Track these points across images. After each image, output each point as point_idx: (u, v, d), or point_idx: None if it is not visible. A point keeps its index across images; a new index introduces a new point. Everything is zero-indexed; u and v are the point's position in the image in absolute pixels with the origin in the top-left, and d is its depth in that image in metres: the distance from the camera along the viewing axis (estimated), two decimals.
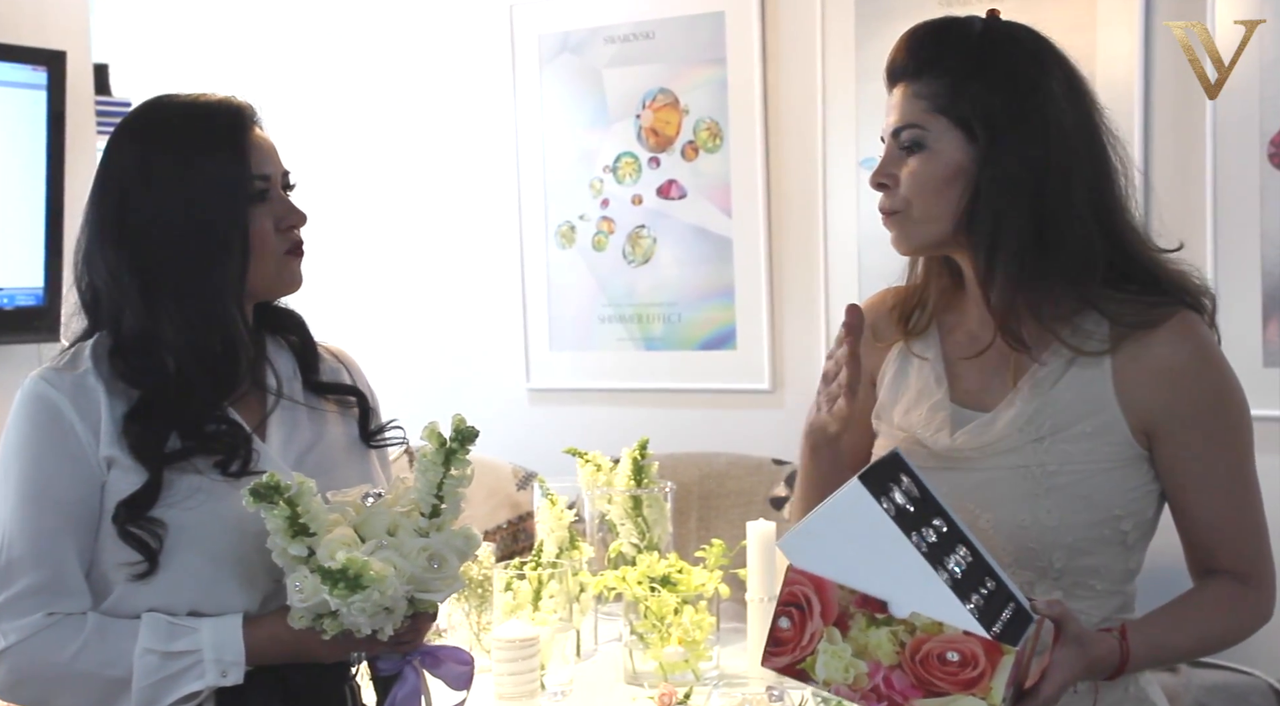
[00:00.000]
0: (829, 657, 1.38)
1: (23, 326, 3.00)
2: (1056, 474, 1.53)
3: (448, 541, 1.54)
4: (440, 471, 1.54)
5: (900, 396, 1.67)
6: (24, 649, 1.51)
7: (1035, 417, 1.55)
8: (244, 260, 1.58)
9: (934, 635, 1.35)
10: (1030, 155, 1.50)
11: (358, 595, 1.45)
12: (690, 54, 3.64)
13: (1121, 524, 1.55)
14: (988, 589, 1.40)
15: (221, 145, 1.58)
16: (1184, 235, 3.01)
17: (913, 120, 1.55)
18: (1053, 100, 1.51)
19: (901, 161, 1.56)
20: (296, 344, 1.73)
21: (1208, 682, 2.81)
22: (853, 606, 1.37)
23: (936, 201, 1.54)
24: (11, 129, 3.01)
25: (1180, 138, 3.11)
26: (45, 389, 1.55)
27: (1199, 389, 1.53)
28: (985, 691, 1.33)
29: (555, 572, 2.45)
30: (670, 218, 3.72)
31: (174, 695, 1.51)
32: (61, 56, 3.07)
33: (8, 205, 3.01)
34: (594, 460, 2.73)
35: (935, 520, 1.42)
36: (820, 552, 1.40)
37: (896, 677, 1.36)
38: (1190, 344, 1.54)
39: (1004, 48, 1.54)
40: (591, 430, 3.48)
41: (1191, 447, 1.53)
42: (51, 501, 1.53)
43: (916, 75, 1.55)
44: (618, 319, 3.82)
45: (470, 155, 4.01)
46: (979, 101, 1.52)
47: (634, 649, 2.46)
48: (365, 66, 4.13)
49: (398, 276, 4.15)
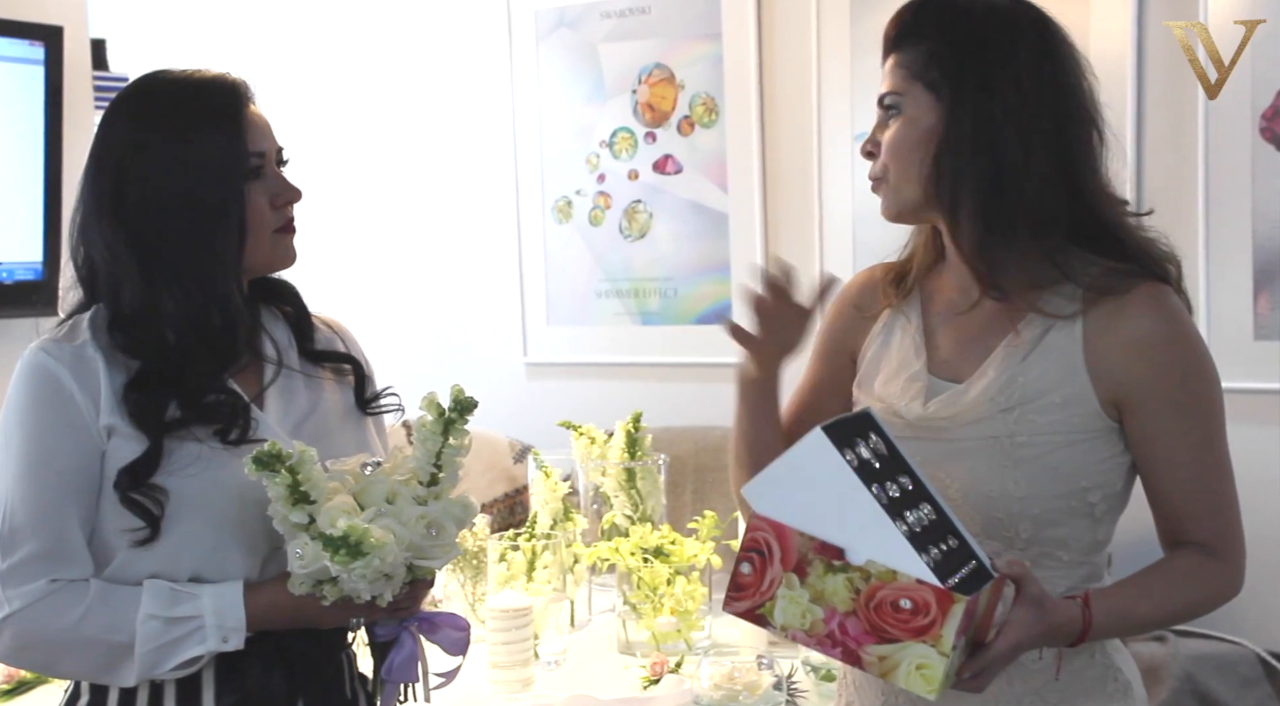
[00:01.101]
0: (787, 603, 1.40)
1: (21, 300, 3.01)
2: (1025, 445, 1.54)
3: (446, 510, 1.56)
4: (439, 441, 1.55)
5: (882, 367, 1.69)
6: (27, 615, 1.52)
7: (1006, 388, 1.56)
8: (241, 235, 1.59)
9: (888, 582, 1.36)
10: (988, 115, 1.53)
11: (358, 562, 1.46)
12: (686, 29, 3.64)
13: (1089, 495, 1.55)
14: (948, 546, 1.42)
15: (217, 121, 1.59)
16: (1176, 209, 3.09)
17: (893, 87, 1.60)
18: (1017, 62, 1.54)
19: (884, 128, 1.61)
20: (291, 314, 1.74)
21: (1196, 652, 2.81)
22: (811, 553, 1.39)
23: (909, 165, 1.58)
24: (9, 104, 3.01)
25: (1172, 112, 3.11)
26: (44, 359, 1.56)
27: (1169, 361, 1.54)
28: (936, 638, 1.35)
29: (549, 544, 2.48)
30: (666, 193, 3.73)
31: (176, 659, 1.53)
32: (59, 31, 3.07)
33: (6, 180, 3.02)
34: (588, 433, 2.76)
35: (901, 478, 1.44)
36: (782, 499, 1.42)
37: (851, 624, 1.38)
38: (1161, 315, 1.54)
39: (980, 15, 1.58)
40: (589, 404, 3.50)
41: (1162, 420, 1.54)
42: (53, 470, 1.54)
43: (900, 45, 1.61)
44: (614, 294, 3.84)
45: (467, 131, 4.01)
46: (947, 66, 1.56)
47: (627, 619, 2.50)
48: (362, 43, 4.13)
49: (396, 252, 4.15)
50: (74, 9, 3.21)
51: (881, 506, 1.38)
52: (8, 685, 2.35)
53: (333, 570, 1.48)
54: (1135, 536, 1.68)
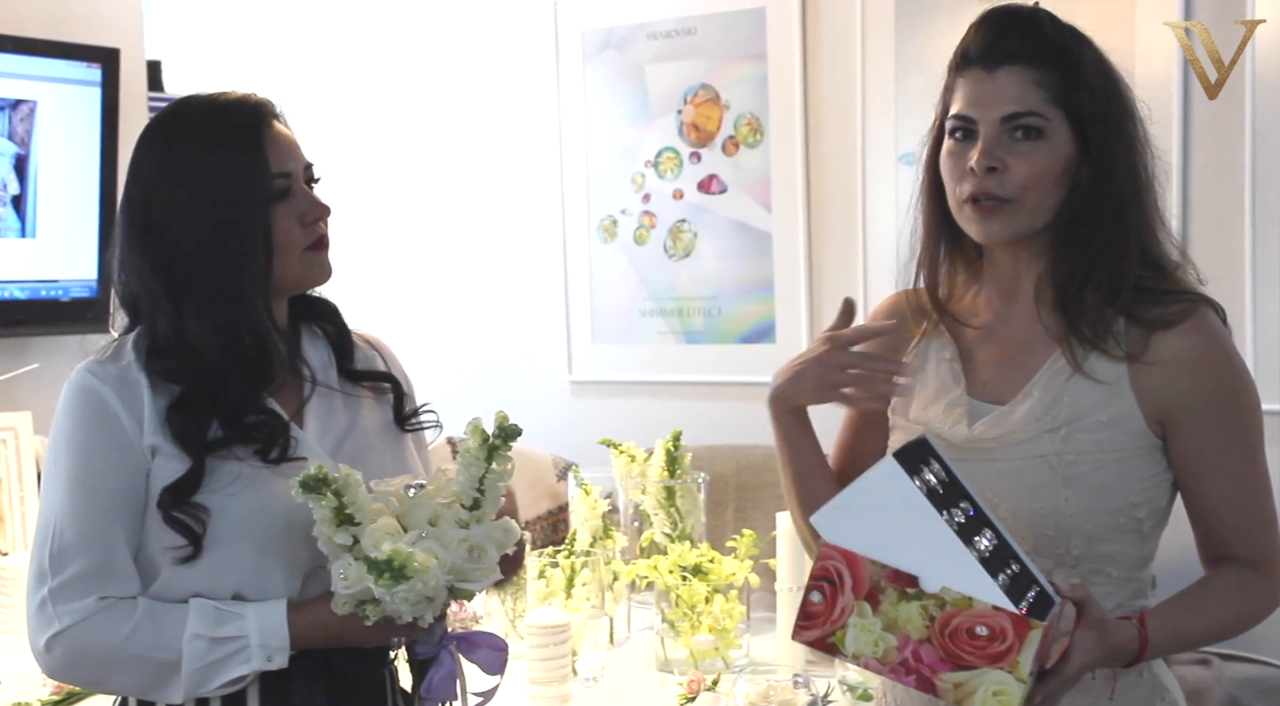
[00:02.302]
0: (859, 631, 1.40)
1: (77, 317, 3.06)
2: (1075, 463, 1.54)
3: (487, 533, 1.57)
4: (483, 466, 1.56)
5: (918, 391, 1.68)
6: (78, 632, 1.53)
7: (1052, 408, 1.56)
8: (268, 258, 1.60)
9: (964, 610, 1.36)
10: (1131, 166, 1.53)
11: (402, 585, 1.48)
12: (731, 50, 3.66)
13: (1137, 511, 1.57)
14: (1013, 570, 1.42)
15: (238, 143, 1.59)
16: (1222, 228, 3.07)
17: (1033, 107, 1.53)
18: (1135, 110, 1.55)
19: (1013, 148, 1.54)
20: (331, 332, 1.75)
21: (1240, 676, 2.79)
22: (884, 581, 1.39)
23: (1048, 195, 1.55)
24: (66, 125, 3.07)
25: (1219, 129, 3.09)
26: (90, 381, 1.57)
27: (1214, 380, 1.55)
28: (1013, 665, 1.35)
29: (588, 561, 2.49)
30: (711, 212, 3.74)
31: (222, 678, 1.54)
32: (115, 53, 3.13)
33: (63, 200, 3.07)
34: (629, 451, 2.76)
35: (962, 503, 1.44)
36: (853, 528, 1.42)
37: (925, 651, 1.38)
38: (1205, 336, 1.55)
39: (1093, 49, 1.56)
40: (632, 422, 3.49)
41: (1206, 437, 1.55)
42: (101, 489, 1.55)
43: (1032, 61, 1.53)
44: (658, 312, 3.85)
45: (514, 150, 4.04)
46: (1094, 101, 1.52)
47: (665, 636, 2.49)
48: (411, 63, 4.16)
49: (443, 270, 4.18)
50: (130, 31, 3.27)
51: (954, 531, 1.38)
52: (57, 696, 2.37)
53: (376, 592, 1.49)
54: (1178, 557, 1.68)
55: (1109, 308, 1.56)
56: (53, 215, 3.06)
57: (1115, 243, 1.55)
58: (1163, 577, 1.69)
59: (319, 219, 1.64)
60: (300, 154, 1.65)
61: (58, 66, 3.04)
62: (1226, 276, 3.09)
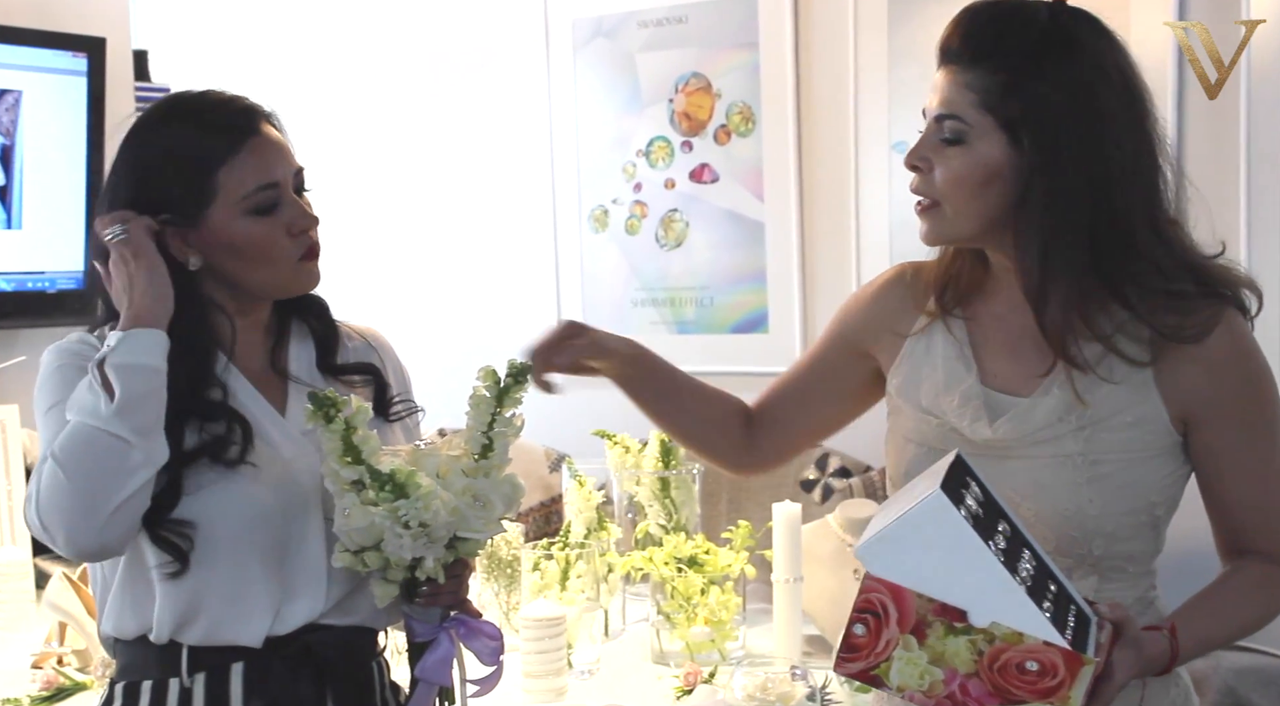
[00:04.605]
0: (904, 665, 1.38)
1: (64, 309, 3.06)
2: (1099, 463, 1.53)
3: (494, 486, 1.57)
4: (492, 407, 1.55)
5: (925, 377, 1.65)
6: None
7: (1075, 406, 1.54)
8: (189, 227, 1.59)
9: (1014, 644, 1.34)
10: (1087, 172, 1.47)
11: (403, 502, 1.47)
12: (723, 38, 3.64)
13: (1156, 510, 1.57)
14: (1053, 592, 1.40)
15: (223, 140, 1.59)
16: (1217, 223, 3.04)
17: (957, 111, 1.51)
18: (1109, 113, 1.48)
19: (939, 149, 1.53)
20: (318, 329, 1.74)
21: (1237, 665, 2.77)
22: (931, 615, 1.37)
23: (970, 201, 1.51)
24: (52, 114, 3.06)
25: (1213, 125, 3.08)
26: (70, 344, 1.60)
27: (1238, 378, 1.54)
28: (1064, 700, 1.33)
29: (583, 553, 2.48)
30: (703, 201, 3.73)
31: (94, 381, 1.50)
32: (101, 43, 3.11)
33: (49, 190, 3.06)
34: (623, 442, 2.76)
35: (1001, 525, 1.42)
36: (898, 560, 1.39)
37: (973, 685, 1.36)
38: (1229, 335, 1.53)
39: (1065, 49, 1.49)
40: (625, 413, 3.40)
41: (1229, 435, 1.55)
42: None
43: (970, 63, 1.51)
44: (650, 303, 3.84)
45: (504, 140, 4.02)
46: (1032, 108, 1.47)
47: (661, 628, 2.49)
48: (401, 52, 4.14)
49: (434, 260, 4.16)
50: (116, 20, 3.25)
51: (1000, 563, 1.36)
52: (47, 692, 2.37)
53: (377, 520, 1.48)
54: (1181, 548, 1.68)
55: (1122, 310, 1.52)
56: (39, 206, 3.06)
57: (1080, 256, 1.49)
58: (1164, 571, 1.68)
59: (307, 229, 1.62)
60: (291, 159, 1.64)
61: (43, 56, 3.03)
62: None
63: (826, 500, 3.09)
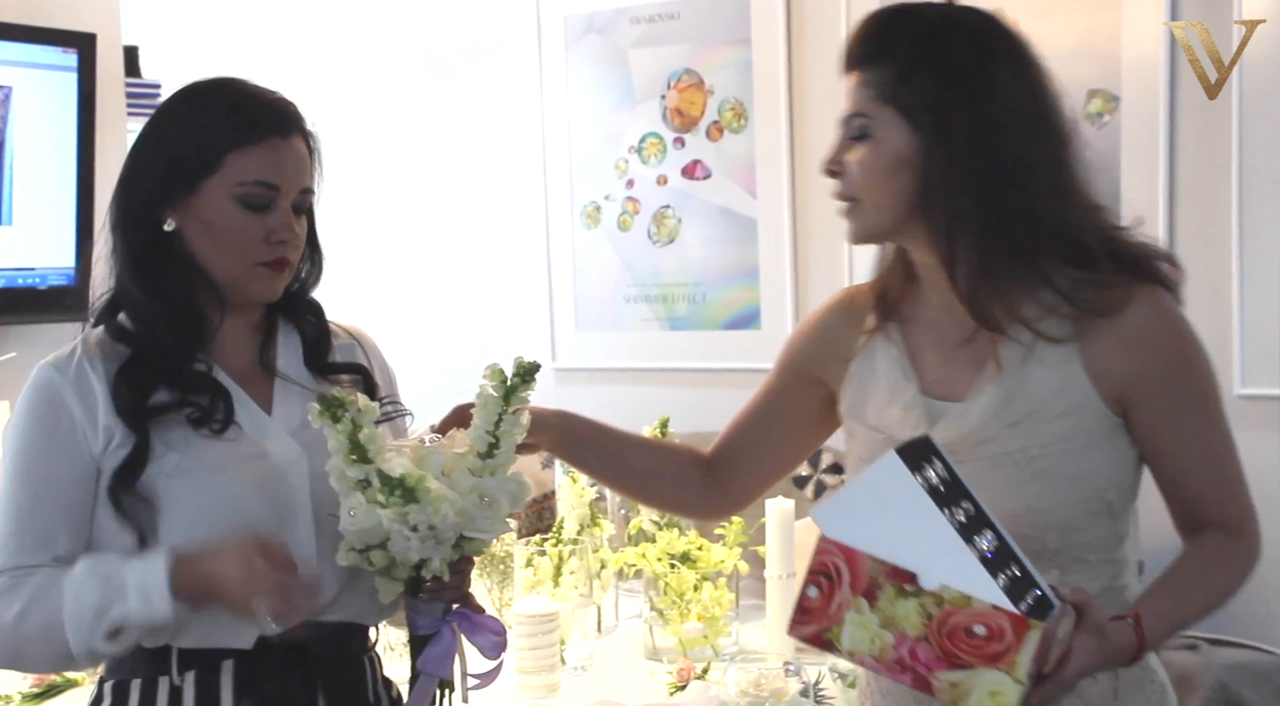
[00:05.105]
0: (855, 628, 1.39)
1: (54, 306, 3.03)
2: (1039, 457, 1.53)
3: (500, 485, 1.56)
4: (500, 406, 1.55)
5: (870, 393, 1.66)
6: None
7: (1009, 401, 1.55)
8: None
9: (962, 608, 1.35)
10: (981, 146, 1.51)
11: (412, 507, 1.47)
12: (715, 34, 3.64)
13: (1107, 495, 1.56)
14: (1013, 572, 1.40)
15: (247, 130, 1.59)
16: (1209, 214, 3.07)
17: (860, 108, 1.56)
18: (1001, 90, 1.53)
19: (849, 149, 1.58)
20: (309, 330, 1.73)
21: (1228, 661, 2.78)
22: (882, 577, 1.38)
23: (882, 190, 1.55)
24: (43, 111, 3.03)
25: (1205, 115, 3.08)
26: (51, 375, 1.59)
27: (1166, 352, 1.55)
28: (1010, 665, 1.33)
29: (576, 549, 2.47)
30: (695, 198, 3.73)
31: (102, 624, 1.50)
32: (92, 39, 3.08)
33: (39, 186, 3.03)
34: None
35: (964, 503, 1.42)
36: (852, 523, 1.40)
37: (922, 649, 1.36)
38: (1152, 311, 1.54)
39: (951, 36, 1.55)
40: (617, 409, 3.39)
41: (1168, 410, 1.55)
42: (44, 480, 1.57)
43: (866, 63, 1.57)
44: (643, 299, 3.84)
45: (496, 136, 4.01)
46: (923, 92, 1.52)
47: (654, 625, 2.49)
48: (393, 47, 4.14)
49: (424, 257, 4.15)
50: (107, 16, 3.23)
51: (955, 529, 1.37)
52: (38, 688, 2.36)
53: (385, 521, 1.48)
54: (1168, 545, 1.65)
55: (1040, 285, 1.54)
56: (29, 202, 3.02)
57: (983, 228, 1.53)
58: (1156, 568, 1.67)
59: (284, 241, 1.61)
60: (301, 177, 1.64)
61: (33, 52, 3.00)
62: (1213, 263, 3.10)
63: (819, 496, 3.10)
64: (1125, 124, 3.18)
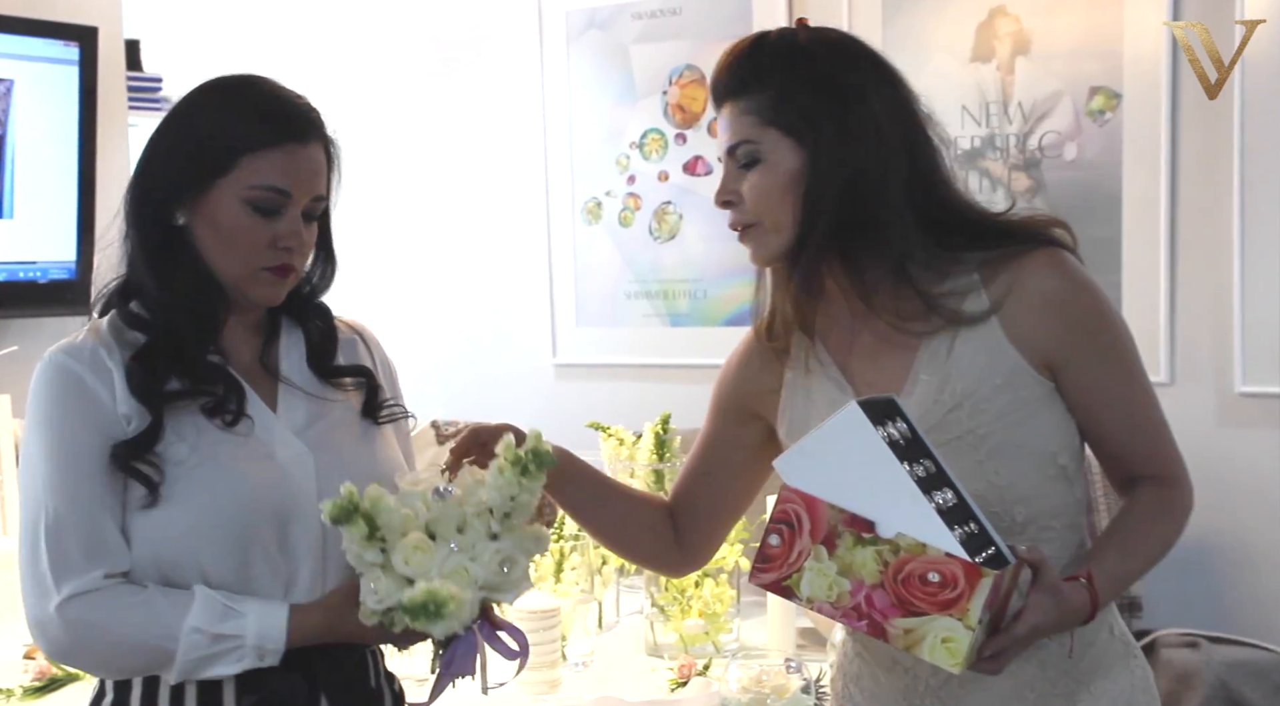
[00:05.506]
0: (814, 575, 1.41)
1: (56, 299, 3.02)
2: (988, 435, 1.55)
3: (519, 543, 1.54)
4: (515, 486, 1.53)
5: (810, 413, 1.67)
6: (83, 605, 1.52)
7: (944, 387, 1.57)
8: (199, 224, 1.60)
9: (917, 555, 1.37)
10: (848, 157, 1.55)
11: (438, 624, 1.47)
12: (717, 30, 3.63)
13: (1059, 459, 1.59)
14: (970, 529, 1.43)
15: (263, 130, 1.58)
16: (1211, 212, 3.07)
17: (745, 136, 1.59)
18: (868, 101, 1.56)
19: (741, 177, 1.59)
20: (317, 331, 1.72)
21: (1229, 659, 2.79)
22: (841, 525, 1.40)
23: (782, 210, 1.57)
24: (44, 104, 3.03)
25: (1207, 114, 3.09)
26: (64, 359, 1.57)
27: (1081, 311, 1.58)
28: (962, 612, 1.35)
29: (577, 545, 2.46)
30: (696, 194, 3.71)
31: (212, 671, 1.54)
32: (93, 32, 3.08)
33: (40, 180, 3.03)
34: (616, 434, 2.73)
35: (924, 460, 1.45)
36: (814, 472, 1.43)
37: (878, 596, 1.39)
38: (1059, 272, 1.57)
39: (819, 54, 1.59)
40: (617, 405, 3.47)
41: (1093, 368, 1.58)
42: (85, 467, 1.54)
43: (741, 92, 1.59)
44: (644, 295, 3.83)
45: (497, 132, 4.01)
46: (801, 107, 1.56)
47: (655, 621, 2.47)
48: (394, 43, 4.13)
49: (425, 252, 4.15)
50: (108, 10, 3.23)
51: (914, 480, 1.39)
52: (39, 682, 2.33)
53: (407, 601, 1.48)
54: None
55: (902, 283, 1.58)
56: (30, 196, 3.02)
57: (870, 227, 1.56)
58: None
59: (290, 248, 1.60)
60: (315, 184, 1.62)
61: (35, 45, 2.99)
62: (1215, 260, 3.11)
63: None
64: (1127, 121, 3.19)
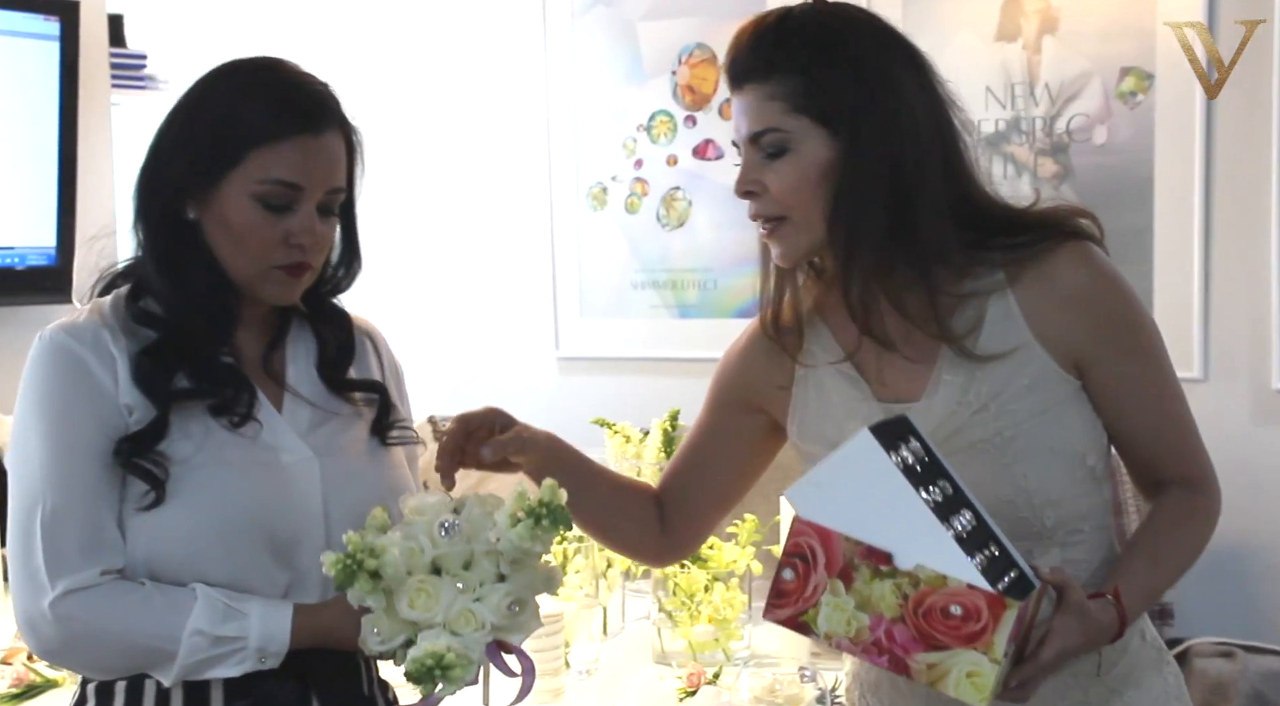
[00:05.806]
0: (831, 610, 1.40)
1: (35, 287, 2.98)
2: (1016, 437, 1.54)
3: (529, 583, 1.52)
4: (528, 541, 1.49)
5: (825, 413, 1.65)
6: (78, 602, 1.50)
7: (969, 387, 1.55)
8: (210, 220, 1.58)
9: (938, 588, 1.36)
10: (888, 146, 1.52)
11: (444, 687, 1.46)
12: (729, 7, 3.59)
13: (1088, 460, 1.58)
14: (991, 552, 1.42)
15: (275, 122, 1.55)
16: (1248, 207, 3.03)
17: (771, 123, 1.54)
18: (902, 85, 1.54)
19: (765, 167, 1.55)
20: (333, 338, 1.70)
21: (1264, 669, 2.81)
22: (857, 558, 1.39)
23: (812, 205, 1.54)
24: (23, 81, 2.98)
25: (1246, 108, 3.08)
26: (65, 339, 1.54)
27: (1109, 307, 1.57)
28: (987, 646, 1.34)
29: (581, 547, 2.47)
30: (706, 179, 3.71)
31: (211, 673, 1.53)
32: (75, 6, 3.04)
33: (19, 161, 2.99)
34: (623, 431, 2.75)
35: (940, 481, 1.44)
36: (827, 503, 1.42)
37: (898, 631, 1.38)
38: (1088, 267, 1.56)
39: (847, 34, 1.55)
40: (623, 400, 3.49)
41: (1121, 367, 1.57)
42: (84, 454, 1.52)
43: (766, 74, 1.54)
44: (651, 285, 3.82)
45: (499, 113, 4.00)
46: (836, 94, 1.52)
47: (662, 627, 2.45)
48: (392, 21, 4.11)
49: (424, 240, 4.14)
50: None
51: (930, 509, 1.38)
52: (16, 689, 2.33)
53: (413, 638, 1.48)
54: None
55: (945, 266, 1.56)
56: (8, 178, 2.97)
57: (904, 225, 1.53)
58: None
59: (303, 245, 1.57)
60: (331, 177, 1.60)
61: (13, 19, 2.94)
62: (1252, 249, 3.12)
63: None
64: (1160, 103, 3.19)
